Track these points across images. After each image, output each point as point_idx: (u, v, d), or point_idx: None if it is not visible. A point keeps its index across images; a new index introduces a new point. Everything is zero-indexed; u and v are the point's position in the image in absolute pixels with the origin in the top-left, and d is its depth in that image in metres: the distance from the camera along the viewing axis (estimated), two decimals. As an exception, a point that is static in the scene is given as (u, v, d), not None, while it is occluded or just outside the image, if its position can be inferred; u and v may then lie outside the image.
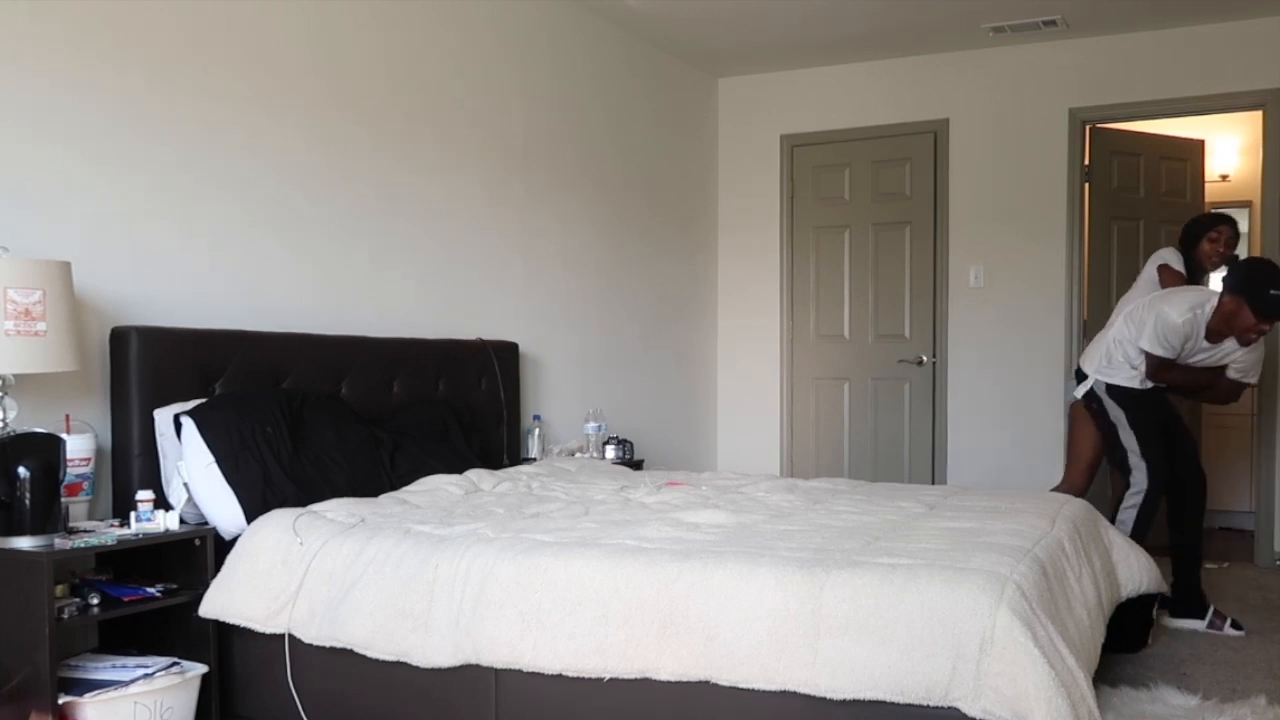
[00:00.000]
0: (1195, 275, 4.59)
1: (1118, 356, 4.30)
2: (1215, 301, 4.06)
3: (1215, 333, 4.10)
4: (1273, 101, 5.40)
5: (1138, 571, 3.43)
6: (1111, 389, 4.30)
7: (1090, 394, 4.36)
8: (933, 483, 6.07)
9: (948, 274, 6.06)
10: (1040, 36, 5.72)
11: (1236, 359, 4.20)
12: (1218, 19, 5.44)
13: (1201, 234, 4.60)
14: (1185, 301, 4.12)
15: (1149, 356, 4.18)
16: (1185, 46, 5.56)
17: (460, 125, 4.56)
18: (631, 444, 4.96)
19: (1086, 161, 5.78)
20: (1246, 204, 6.81)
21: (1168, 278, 4.54)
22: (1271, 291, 3.94)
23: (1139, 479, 4.17)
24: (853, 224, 6.33)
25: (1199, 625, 4.10)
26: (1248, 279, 4.01)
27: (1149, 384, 4.26)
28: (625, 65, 5.70)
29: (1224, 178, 6.86)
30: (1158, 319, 4.12)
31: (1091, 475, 4.56)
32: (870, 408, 6.31)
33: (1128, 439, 4.24)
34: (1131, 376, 4.27)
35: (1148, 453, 4.19)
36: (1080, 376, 4.48)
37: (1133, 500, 4.16)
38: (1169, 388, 4.33)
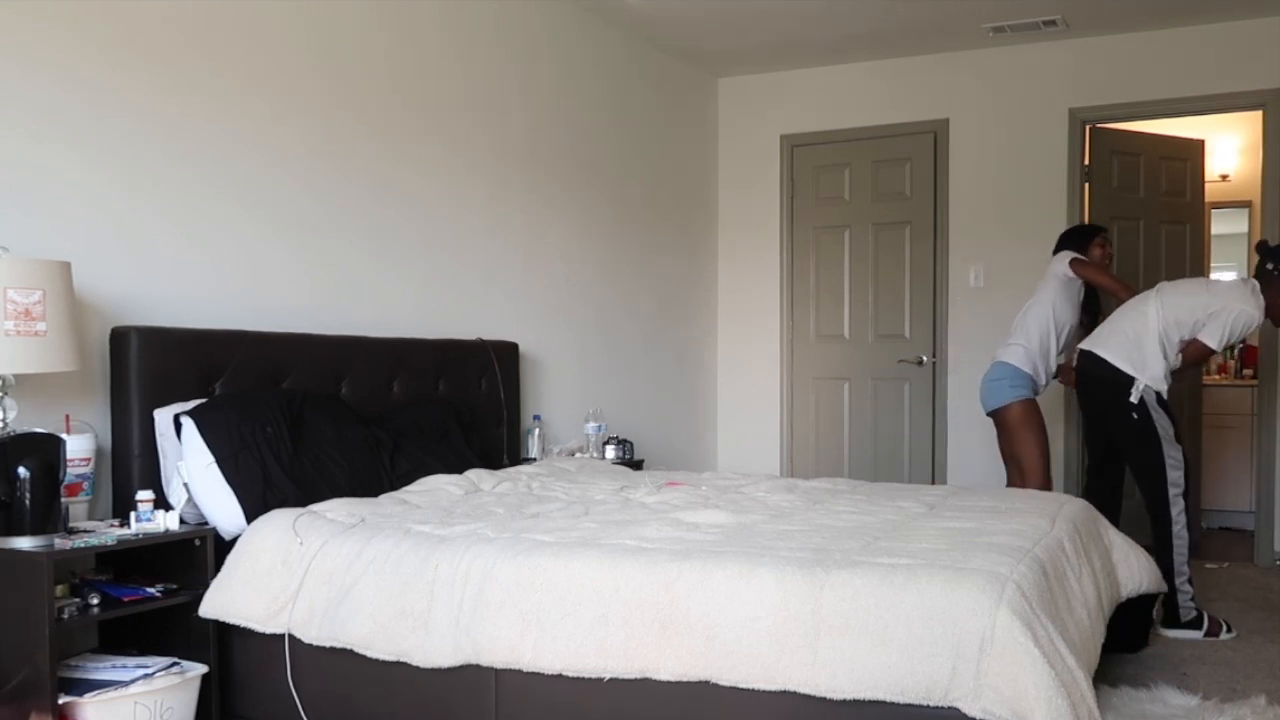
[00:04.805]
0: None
1: (1159, 357, 4.12)
2: (1256, 286, 4.09)
3: (1269, 312, 4.11)
4: (1273, 101, 5.40)
5: (1138, 571, 3.43)
6: (1160, 398, 4.12)
7: (1137, 404, 4.12)
8: (933, 483, 6.07)
9: (948, 274, 6.06)
10: (1040, 36, 5.72)
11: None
12: (1218, 19, 5.44)
13: (1091, 239, 4.76)
14: (1247, 295, 4.08)
15: (1199, 350, 4.14)
16: (1185, 46, 5.56)
17: (461, 125, 4.56)
18: (631, 444, 4.95)
19: (1086, 161, 5.78)
20: (1246, 204, 6.82)
21: (1093, 271, 4.61)
22: None
23: (1177, 490, 4.05)
24: (853, 224, 6.33)
25: (1196, 635, 3.99)
26: None
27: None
28: (625, 65, 5.70)
29: (1224, 178, 6.87)
30: (1239, 316, 4.04)
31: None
32: (870, 408, 6.31)
33: (1171, 449, 4.09)
34: (1160, 378, 4.14)
35: (1182, 455, 4.12)
36: (1097, 376, 4.24)
37: (1179, 506, 4.03)
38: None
